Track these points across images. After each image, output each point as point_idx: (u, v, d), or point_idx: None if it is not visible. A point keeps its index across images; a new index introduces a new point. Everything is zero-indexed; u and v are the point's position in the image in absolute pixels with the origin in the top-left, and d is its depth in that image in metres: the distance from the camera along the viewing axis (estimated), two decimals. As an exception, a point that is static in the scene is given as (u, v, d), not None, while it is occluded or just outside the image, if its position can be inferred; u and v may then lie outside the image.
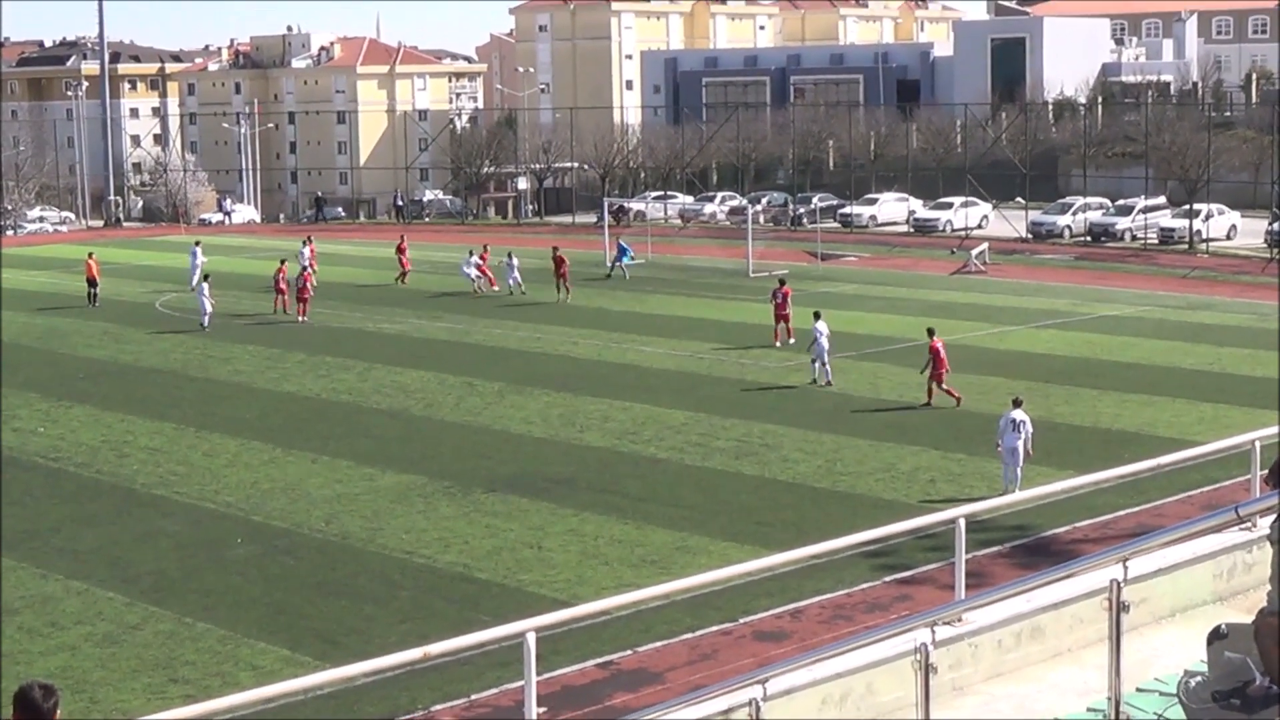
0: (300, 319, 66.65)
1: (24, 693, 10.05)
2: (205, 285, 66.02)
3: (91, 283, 72.11)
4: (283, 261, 72.59)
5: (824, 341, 50.89)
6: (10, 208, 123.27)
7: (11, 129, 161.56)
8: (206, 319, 64.57)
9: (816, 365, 51.13)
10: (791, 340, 57.48)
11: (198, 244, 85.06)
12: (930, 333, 48.17)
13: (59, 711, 10.03)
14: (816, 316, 51.96)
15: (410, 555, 33.06)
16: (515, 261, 74.66)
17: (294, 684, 11.78)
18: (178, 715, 11.03)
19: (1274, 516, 10.93)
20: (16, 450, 43.59)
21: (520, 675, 12.25)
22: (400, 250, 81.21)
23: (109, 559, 33.13)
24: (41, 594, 30.79)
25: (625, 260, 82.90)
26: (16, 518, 36.54)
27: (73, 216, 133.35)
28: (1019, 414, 37.58)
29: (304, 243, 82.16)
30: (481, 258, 75.97)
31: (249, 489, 38.77)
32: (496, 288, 74.34)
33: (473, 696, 24.75)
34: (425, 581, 31.39)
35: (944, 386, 47.05)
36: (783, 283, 61.02)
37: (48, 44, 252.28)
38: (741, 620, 28.43)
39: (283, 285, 69.37)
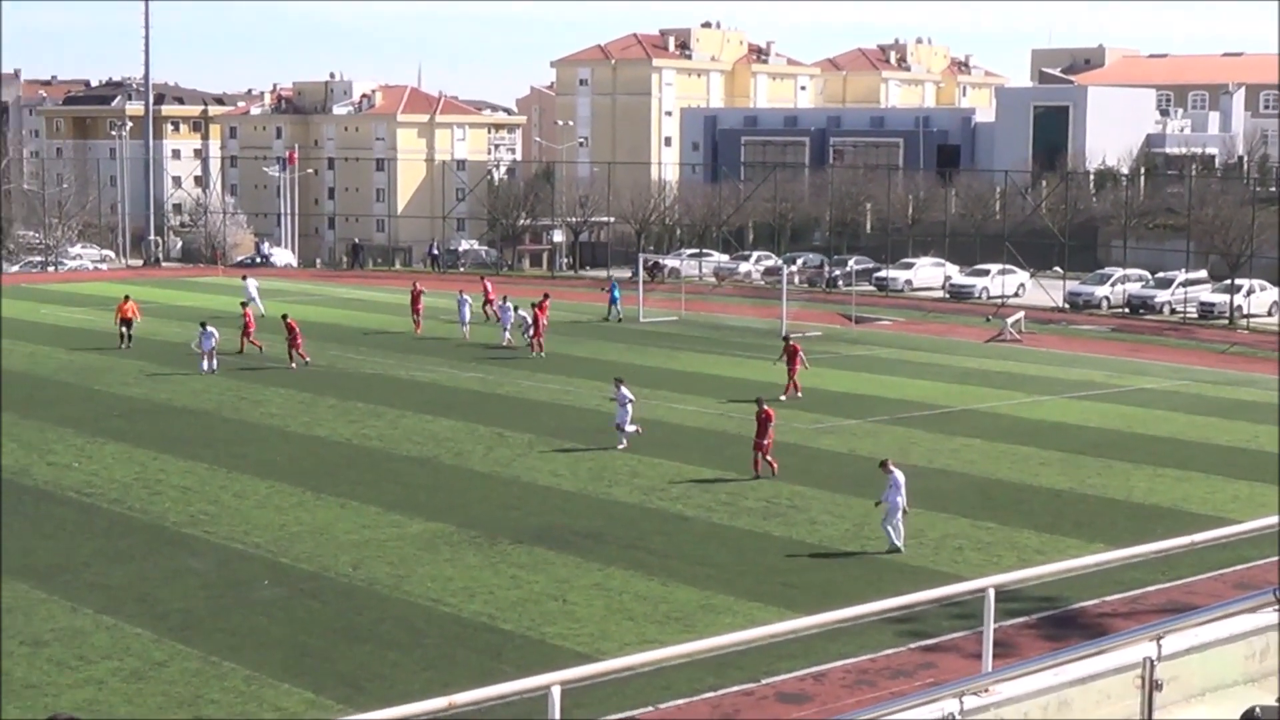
0: (290, 365, 66.17)
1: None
2: (208, 329, 65.42)
3: (126, 324, 72.07)
4: (244, 304, 73.41)
5: (627, 411, 50.21)
6: (52, 244, 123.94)
7: (56, 166, 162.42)
8: (206, 362, 64.68)
9: (621, 432, 50.25)
10: (799, 394, 58.31)
11: (245, 277, 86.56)
12: (760, 402, 47.23)
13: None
14: (619, 383, 51.49)
15: (435, 603, 33.06)
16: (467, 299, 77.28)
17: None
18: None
19: None
20: (51, 484, 43.78)
21: (542, 728, 12.27)
22: (415, 297, 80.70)
23: (138, 595, 33.23)
24: (71, 627, 30.89)
25: (616, 299, 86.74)
26: (49, 551, 36.72)
27: (112, 255, 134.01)
28: (900, 474, 38.40)
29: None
30: (541, 309, 74.27)
31: (277, 531, 38.85)
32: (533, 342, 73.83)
33: (494, 748, 24.70)
34: (449, 630, 31.38)
35: (768, 457, 45.91)
36: (787, 339, 61.92)
37: (94, 83, 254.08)
38: (764, 681, 28.35)
39: (251, 325, 70.11)
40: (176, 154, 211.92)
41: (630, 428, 50.01)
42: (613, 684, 26.37)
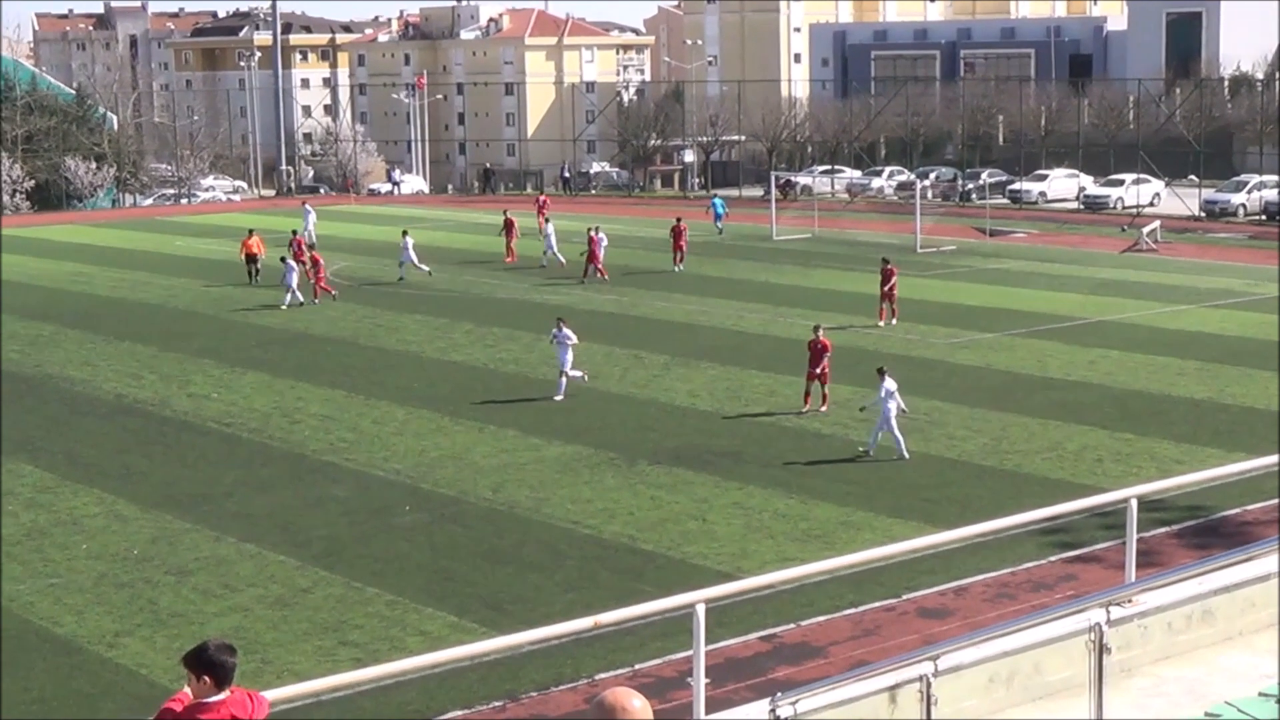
0: (314, 300, 64.33)
1: (203, 649, 10.25)
2: (289, 263, 64.38)
3: (251, 259, 70.87)
4: (294, 233, 73.21)
5: (568, 354, 45.78)
6: (184, 177, 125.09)
7: (186, 99, 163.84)
8: (289, 297, 63.50)
9: (564, 377, 45.88)
10: (895, 320, 57.01)
11: (305, 203, 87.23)
12: (816, 330, 44.24)
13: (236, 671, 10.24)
14: (560, 323, 46.31)
15: (576, 525, 33.25)
16: (409, 241, 71.66)
17: (468, 649, 11.91)
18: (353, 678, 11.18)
19: None
20: (192, 415, 44.32)
21: (683, 646, 12.38)
22: (508, 226, 78.13)
23: (280, 523, 33.62)
24: (216, 556, 31.32)
25: (722, 215, 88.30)
26: (191, 481, 37.21)
27: (245, 186, 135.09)
28: (891, 383, 38.32)
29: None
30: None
31: (417, 457, 39.16)
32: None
33: (637, 666, 24.88)
34: (590, 551, 31.56)
35: (825, 389, 43.44)
36: (886, 261, 59.11)
37: (221, 15, 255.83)
38: (905, 596, 28.36)
39: (302, 257, 67.08)
40: (305, 83, 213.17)
41: (575, 373, 45.99)
42: (753, 601, 26.50)
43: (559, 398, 45.45)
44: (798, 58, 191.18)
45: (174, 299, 66.64)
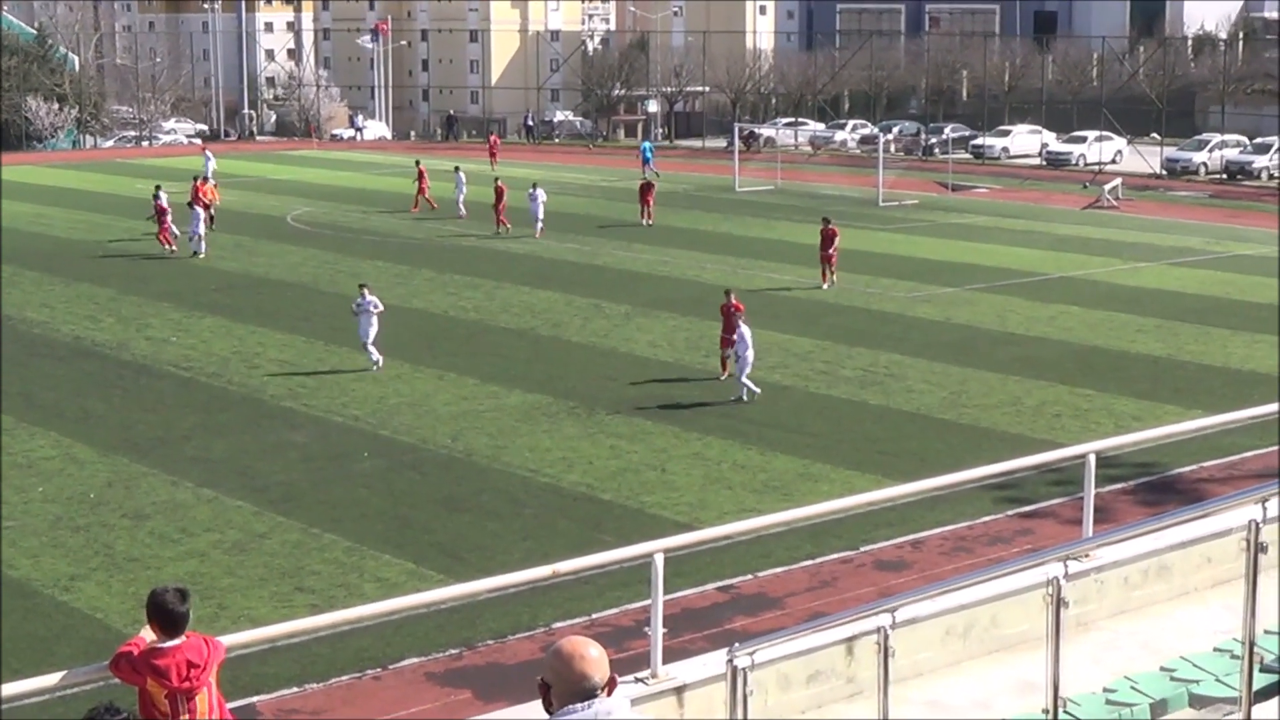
0: (170, 248, 63.17)
1: (159, 595, 10.23)
2: (196, 209, 63.63)
3: (205, 207, 68.19)
4: (195, 178, 71.75)
5: (373, 322, 42.84)
6: (146, 119, 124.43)
7: (148, 40, 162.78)
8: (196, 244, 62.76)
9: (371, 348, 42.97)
10: (833, 281, 55.22)
11: (205, 150, 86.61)
12: (728, 293, 41.96)
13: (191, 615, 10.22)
14: (363, 290, 43.65)
15: (534, 474, 33.20)
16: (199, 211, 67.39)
17: (425, 596, 11.90)
18: (309, 624, 11.17)
19: None
20: (150, 359, 44.15)
21: (641, 595, 12.36)
22: (420, 177, 77.72)
23: (238, 468, 33.51)
24: (173, 500, 31.20)
25: (650, 160, 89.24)
26: (149, 425, 37.07)
27: (207, 129, 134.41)
28: (747, 330, 39.11)
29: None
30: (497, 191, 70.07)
31: (376, 404, 39.06)
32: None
33: (594, 615, 24.88)
34: (549, 500, 31.52)
35: (725, 352, 41.30)
36: (827, 221, 56.52)
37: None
38: (862, 549, 28.39)
39: (201, 201, 65.84)
40: (269, 27, 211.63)
41: (372, 348, 42.72)
42: (711, 552, 26.51)
43: (377, 368, 42.78)
44: (763, 9, 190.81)
45: (134, 242, 66.31)
